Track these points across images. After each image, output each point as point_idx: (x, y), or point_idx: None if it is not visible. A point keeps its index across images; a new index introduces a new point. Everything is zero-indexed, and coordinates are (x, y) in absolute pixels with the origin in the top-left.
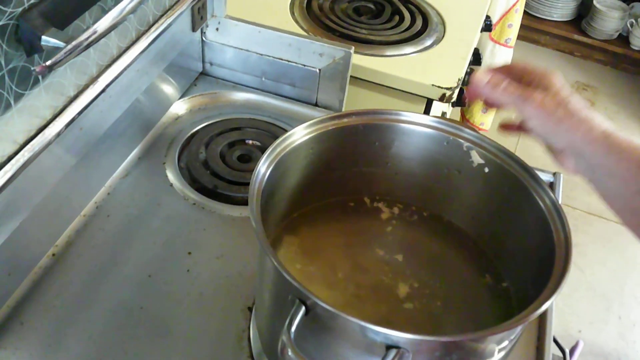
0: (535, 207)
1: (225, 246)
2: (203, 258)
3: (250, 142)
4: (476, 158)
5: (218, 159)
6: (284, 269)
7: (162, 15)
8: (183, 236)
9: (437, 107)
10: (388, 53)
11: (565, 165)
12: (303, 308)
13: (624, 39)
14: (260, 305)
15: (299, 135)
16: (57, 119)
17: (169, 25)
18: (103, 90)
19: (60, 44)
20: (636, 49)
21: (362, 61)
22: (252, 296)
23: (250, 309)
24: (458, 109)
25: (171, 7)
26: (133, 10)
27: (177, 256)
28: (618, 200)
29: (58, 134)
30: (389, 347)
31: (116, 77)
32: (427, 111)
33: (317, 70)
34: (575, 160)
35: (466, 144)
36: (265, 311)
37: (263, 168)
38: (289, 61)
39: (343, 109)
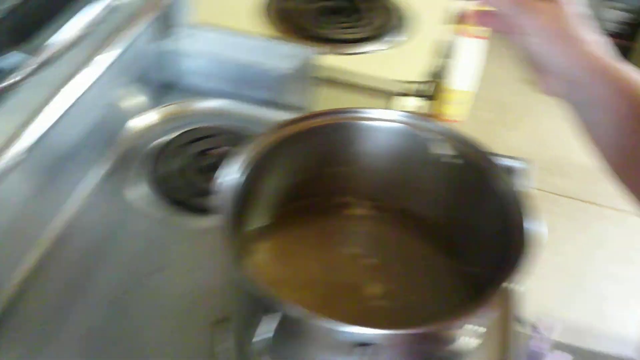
0: (498, 193)
1: (196, 259)
2: (174, 274)
3: (222, 149)
4: (444, 151)
5: (187, 170)
6: (250, 277)
7: (125, 28)
8: (152, 253)
9: (407, 102)
10: (356, 50)
11: (548, 88)
12: (275, 315)
13: None
14: (232, 317)
15: (264, 140)
16: (13, 141)
17: (133, 37)
18: (65, 108)
19: (17, 62)
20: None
21: (331, 60)
22: (225, 308)
23: (223, 321)
24: (429, 102)
25: (134, 19)
26: (93, 26)
27: (147, 274)
28: (607, 137)
29: (15, 158)
30: (360, 345)
31: (79, 94)
32: (397, 107)
33: (284, 73)
34: (565, 85)
35: (435, 137)
36: (238, 322)
37: (230, 177)
38: (259, 65)
39: (314, 110)
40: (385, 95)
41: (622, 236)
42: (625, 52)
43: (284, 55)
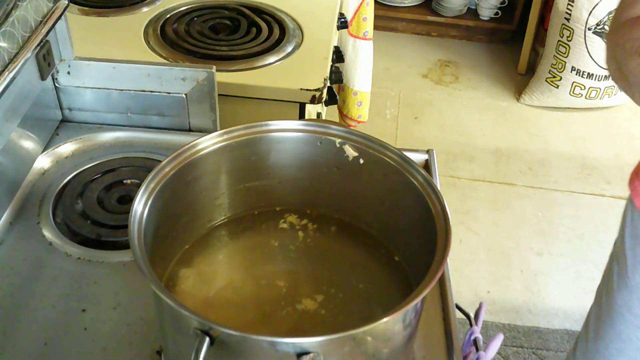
0: (411, 186)
1: (120, 294)
2: (99, 312)
3: (129, 181)
4: (350, 152)
5: (96, 206)
6: (178, 303)
7: (4, 69)
8: (73, 294)
9: (311, 109)
10: (252, 65)
11: None
12: (207, 339)
13: (473, 12)
14: (166, 347)
15: (171, 166)
16: None
17: (14, 78)
18: None
19: None
20: (485, 19)
21: (228, 78)
22: (158, 339)
23: (159, 353)
24: (334, 106)
25: (12, 60)
26: None
27: (71, 316)
28: None
29: None
30: (300, 355)
31: None
32: (301, 115)
33: (184, 96)
34: None
35: (338, 140)
36: (173, 351)
37: (140, 207)
38: (152, 92)
39: (218, 129)
40: (289, 105)
41: (541, 212)
42: None
43: (178, 78)
